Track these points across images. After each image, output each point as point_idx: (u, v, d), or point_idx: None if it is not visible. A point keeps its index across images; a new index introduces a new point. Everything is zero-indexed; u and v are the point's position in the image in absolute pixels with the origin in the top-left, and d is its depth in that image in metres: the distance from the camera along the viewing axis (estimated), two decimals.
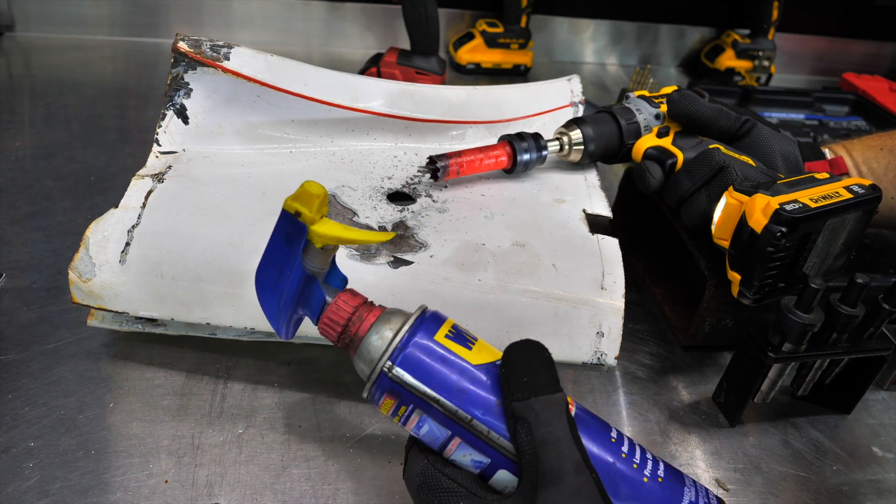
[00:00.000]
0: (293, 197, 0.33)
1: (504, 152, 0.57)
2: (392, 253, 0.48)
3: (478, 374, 0.34)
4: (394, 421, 0.35)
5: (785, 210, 0.43)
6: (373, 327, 0.35)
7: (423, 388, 0.34)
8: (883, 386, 0.57)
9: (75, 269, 0.46)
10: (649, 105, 0.59)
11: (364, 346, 0.35)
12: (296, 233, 0.34)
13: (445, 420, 0.34)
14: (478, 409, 0.34)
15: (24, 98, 0.88)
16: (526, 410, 0.32)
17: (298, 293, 0.36)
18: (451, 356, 0.35)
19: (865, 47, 1.38)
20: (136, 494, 0.41)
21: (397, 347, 0.34)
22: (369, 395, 0.35)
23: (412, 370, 0.34)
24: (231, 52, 0.55)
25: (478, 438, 0.34)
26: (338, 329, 0.36)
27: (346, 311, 0.36)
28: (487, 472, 0.34)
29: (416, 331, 0.35)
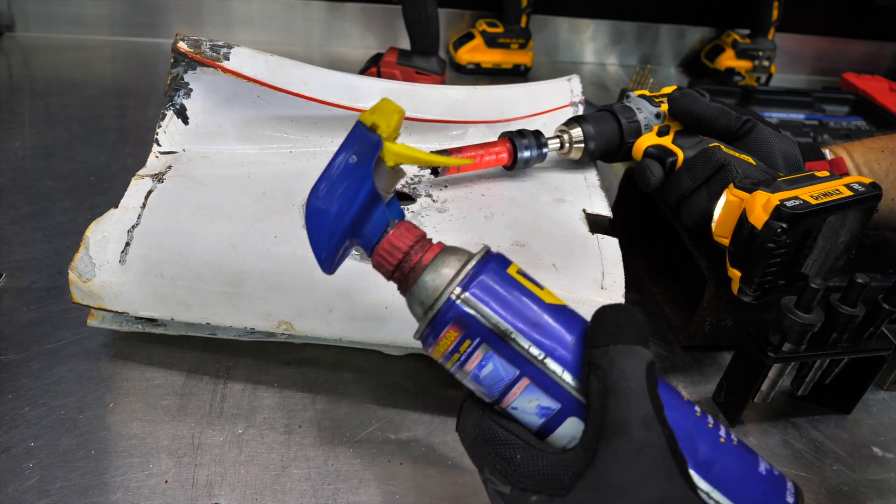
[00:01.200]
0: (371, 111, 0.32)
1: (504, 149, 0.57)
2: None
3: (554, 311, 0.32)
4: (447, 366, 0.32)
5: (786, 206, 0.43)
6: (438, 257, 0.33)
7: (496, 317, 0.31)
8: (883, 386, 0.57)
9: (75, 269, 0.46)
10: (650, 104, 0.59)
11: (428, 275, 0.32)
12: (369, 148, 0.32)
13: (515, 357, 0.31)
14: (552, 346, 0.31)
15: (24, 98, 0.88)
16: (602, 356, 0.29)
17: (359, 215, 0.33)
18: (524, 289, 0.32)
19: (865, 47, 1.38)
20: (136, 494, 0.41)
21: (469, 273, 0.31)
22: (427, 328, 0.32)
23: (484, 298, 0.31)
24: (231, 52, 0.55)
25: (549, 379, 0.31)
26: (398, 256, 0.33)
27: (410, 238, 0.33)
28: (553, 421, 0.31)
29: (487, 261, 0.32)
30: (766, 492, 0.31)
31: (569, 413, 0.31)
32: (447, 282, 0.31)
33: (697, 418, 0.32)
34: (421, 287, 0.32)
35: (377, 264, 0.34)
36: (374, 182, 0.32)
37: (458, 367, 0.32)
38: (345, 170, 0.33)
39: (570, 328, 0.32)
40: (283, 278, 0.46)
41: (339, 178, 0.33)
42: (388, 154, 0.32)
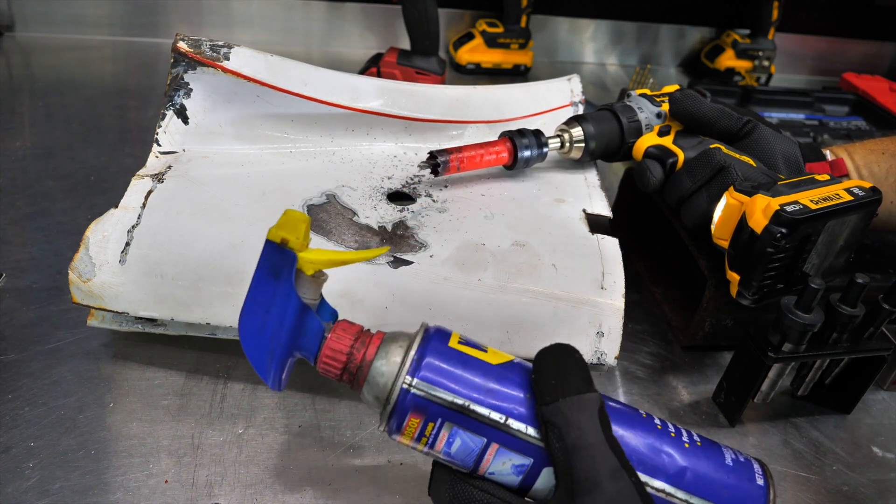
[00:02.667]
0: (277, 227, 0.32)
1: (505, 148, 0.57)
2: (392, 253, 0.48)
3: (502, 372, 0.33)
4: (417, 448, 0.33)
5: (785, 211, 0.43)
6: (380, 350, 0.34)
7: (450, 395, 0.32)
8: (883, 386, 0.57)
9: (75, 269, 0.46)
10: (651, 104, 0.59)
11: (375, 371, 0.33)
12: (285, 263, 0.32)
13: (479, 427, 0.32)
14: (510, 407, 0.32)
15: (24, 98, 0.88)
16: (554, 414, 0.30)
17: (293, 330, 0.33)
18: (470, 359, 0.33)
19: (865, 47, 1.38)
20: (136, 494, 0.41)
21: (414, 360, 0.32)
22: (388, 421, 0.33)
23: (436, 379, 0.32)
24: (231, 52, 0.55)
25: (516, 438, 0.32)
26: (342, 359, 0.34)
27: (348, 339, 0.34)
28: (530, 476, 0.32)
29: (428, 342, 0.33)
30: (738, 481, 0.33)
31: (542, 464, 0.32)
32: (395, 372, 0.32)
33: (659, 431, 0.33)
34: (372, 384, 0.33)
35: (324, 371, 0.34)
36: (298, 296, 0.33)
37: (428, 448, 0.33)
38: (267, 292, 0.33)
39: (520, 384, 0.33)
40: None
41: (264, 301, 0.33)
42: (305, 264, 0.33)
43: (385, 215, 0.52)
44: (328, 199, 0.53)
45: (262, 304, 0.33)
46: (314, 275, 0.34)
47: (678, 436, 0.34)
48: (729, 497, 0.32)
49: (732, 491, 0.33)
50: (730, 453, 0.34)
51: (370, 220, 0.52)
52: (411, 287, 0.46)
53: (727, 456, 0.34)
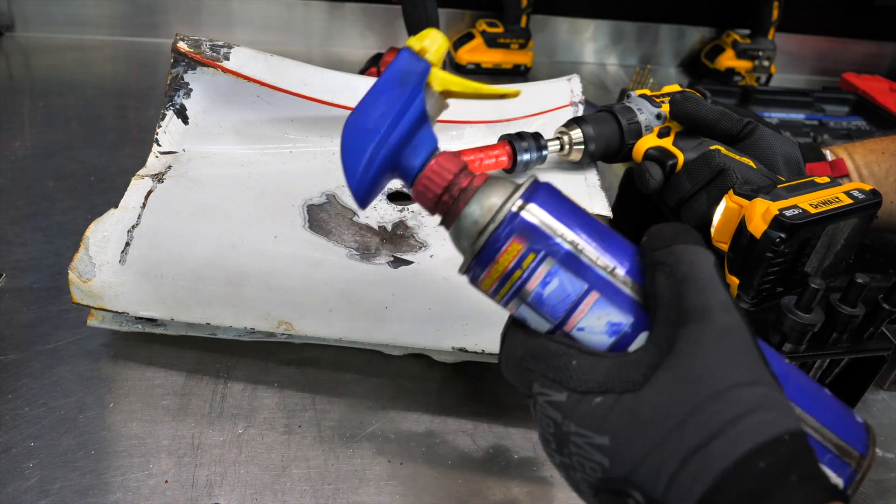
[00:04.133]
0: (418, 37, 0.31)
1: (504, 152, 0.57)
2: (392, 253, 0.48)
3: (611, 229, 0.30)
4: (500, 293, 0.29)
5: (784, 216, 0.43)
6: (488, 181, 0.31)
7: (562, 227, 0.29)
8: (883, 386, 0.57)
9: (75, 269, 0.46)
10: (651, 104, 0.59)
11: (482, 194, 0.30)
12: (418, 70, 0.31)
13: (584, 269, 0.28)
14: (620, 257, 0.29)
15: (24, 98, 0.88)
16: (666, 255, 0.27)
17: (406, 137, 0.31)
18: (581, 209, 0.30)
19: (865, 47, 1.38)
20: (136, 494, 0.41)
21: (528, 187, 0.29)
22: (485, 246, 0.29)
23: (549, 207, 0.29)
24: (231, 52, 0.55)
25: (620, 291, 0.28)
26: (448, 178, 0.30)
27: (457, 163, 0.31)
28: (624, 339, 0.28)
29: (541, 182, 0.30)
30: (838, 408, 0.30)
31: (641, 327, 0.28)
32: (506, 197, 0.29)
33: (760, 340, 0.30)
34: (475, 206, 0.30)
35: (423, 189, 0.31)
36: (424, 101, 0.31)
37: (517, 288, 0.29)
38: (393, 89, 0.31)
39: (628, 245, 0.30)
40: (283, 278, 0.46)
41: (386, 98, 0.31)
42: (436, 80, 0.31)
43: (385, 215, 0.52)
44: (328, 199, 0.53)
45: (380, 106, 0.31)
46: (440, 95, 0.32)
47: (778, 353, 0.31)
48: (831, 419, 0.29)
49: (835, 414, 0.29)
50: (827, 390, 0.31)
51: (370, 220, 0.52)
52: (411, 287, 0.46)
53: (826, 390, 0.31)
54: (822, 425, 0.29)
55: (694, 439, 0.24)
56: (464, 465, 0.45)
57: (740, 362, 0.25)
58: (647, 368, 0.26)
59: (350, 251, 0.48)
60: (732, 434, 0.24)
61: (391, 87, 0.31)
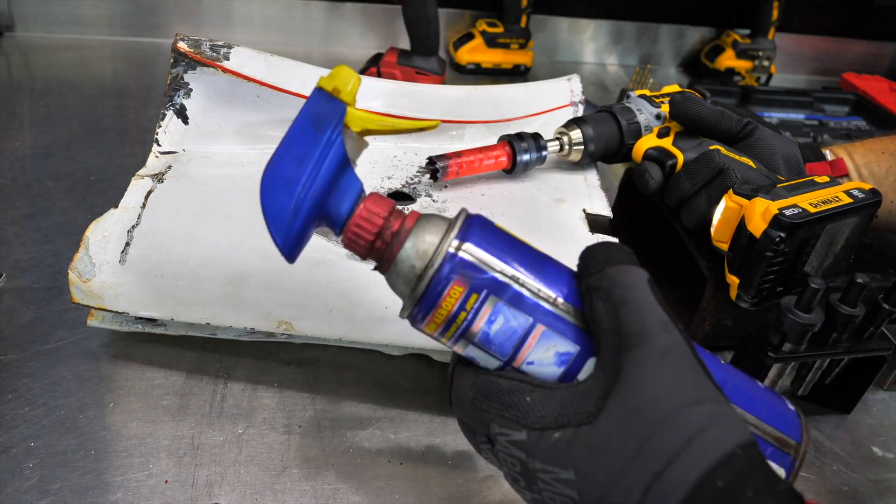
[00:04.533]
0: (329, 77, 0.29)
1: (504, 152, 0.57)
2: None
3: (547, 257, 0.30)
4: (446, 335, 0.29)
5: (784, 215, 0.43)
6: (420, 220, 0.30)
7: (501, 263, 0.29)
8: (883, 386, 0.57)
9: (75, 269, 0.46)
10: (650, 105, 0.59)
11: (416, 237, 0.29)
12: (333, 113, 0.29)
13: (527, 304, 0.28)
14: (561, 286, 0.29)
15: (24, 98, 0.88)
16: (601, 280, 0.28)
17: (328, 185, 0.30)
18: (516, 240, 0.30)
19: (865, 47, 1.38)
20: (136, 494, 0.41)
21: (462, 226, 0.29)
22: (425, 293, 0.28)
23: (486, 246, 0.29)
24: (231, 52, 0.55)
25: (566, 322, 0.28)
26: (378, 223, 0.30)
27: (386, 206, 0.30)
28: (573, 367, 0.29)
29: (472, 216, 0.30)
30: (772, 400, 0.31)
31: (588, 353, 0.29)
32: (441, 237, 0.29)
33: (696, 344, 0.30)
34: (410, 251, 0.29)
35: (353, 237, 0.30)
36: (344, 148, 0.30)
37: (463, 330, 0.29)
38: (306, 142, 0.29)
39: (566, 271, 0.30)
40: (283, 278, 0.46)
41: (299, 153, 0.29)
42: (353, 120, 0.30)
43: None
44: None
45: (297, 155, 0.29)
46: (359, 134, 0.31)
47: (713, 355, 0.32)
48: (768, 413, 0.31)
49: (771, 407, 0.31)
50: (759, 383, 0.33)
51: None
52: None
53: (758, 383, 0.32)
54: (762, 421, 0.30)
55: (652, 466, 0.24)
56: (464, 465, 0.45)
57: (684, 382, 0.26)
58: (598, 398, 0.26)
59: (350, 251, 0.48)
60: (687, 457, 0.24)
61: (307, 133, 0.30)
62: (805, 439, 0.31)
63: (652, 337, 0.26)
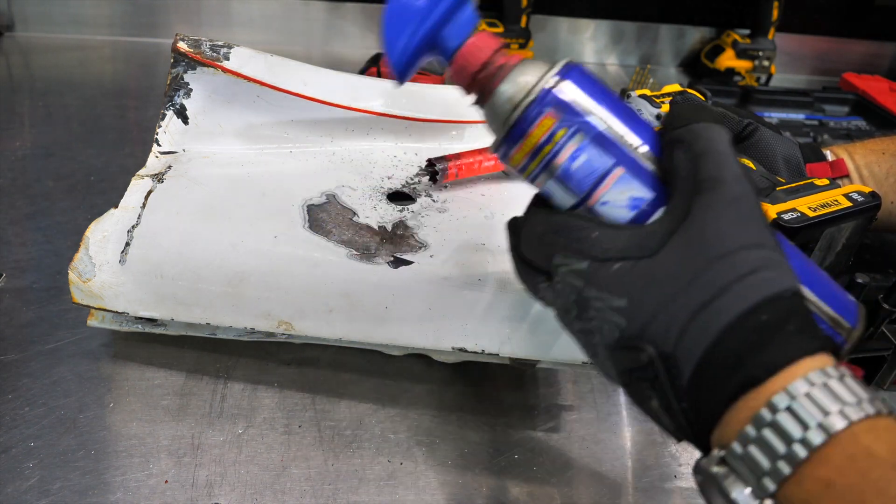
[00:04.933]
0: None
1: None
2: (392, 253, 0.48)
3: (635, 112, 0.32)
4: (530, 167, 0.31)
5: (783, 220, 0.43)
6: (523, 60, 0.31)
7: (594, 103, 0.30)
8: (883, 386, 0.57)
9: (75, 269, 0.46)
10: (650, 105, 0.59)
11: (518, 72, 0.31)
12: None
13: (611, 145, 0.30)
14: (645, 135, 0.30)
15: (24, 98, 0.88)
16: (686, 132, 0.29)
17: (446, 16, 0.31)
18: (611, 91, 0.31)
19: (865, 47, 1.38)
20: (136, 494, 0.41)
21: (562, 67, 0.30)
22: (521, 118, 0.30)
23: (582, 85, 0.30)
24: (231, 52, 0.55)
25: (644, 169, 0.30)
26: (488, 52, 0.31)
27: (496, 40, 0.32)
28: (643, 214, 0.30)
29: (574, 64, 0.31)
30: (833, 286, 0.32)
31: (660, 203, 0.30)
32: (541, 74, 0.30)
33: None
34: (511, 82, 0.31)
35: (460, 67, 0.32)
36: None
37: (547, 162, 0.30)
38: None
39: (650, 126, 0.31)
40: (283, 278, 0.46)
41: None
42: None
43: (385, 215, 0.52)
44: (328, 199, 0.53)
45: None
46: None
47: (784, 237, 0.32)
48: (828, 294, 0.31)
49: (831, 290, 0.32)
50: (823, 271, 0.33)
51: (370, 220, 0.52)
52: (411, 287, 0.46)
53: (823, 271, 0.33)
54: (819, 298, 0.31)
55: (702, 296, 0.26)
56: (464, 465, 0.45)
57: (748, 227, 0.27)
58: (663, 236, 0.28)
59: (350, 251, 0.48)
60: (737, 290, 0.25)
61: None
62: (860, 326, 0.32)
63: (725, 184, 0.27)
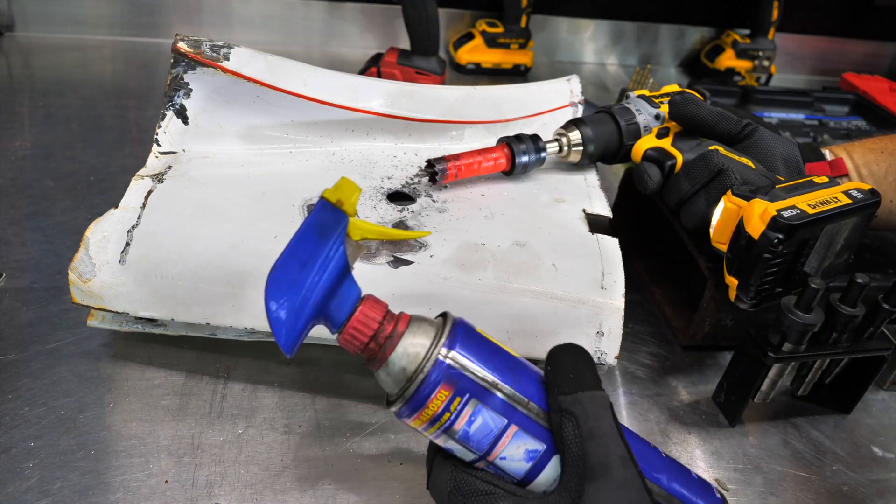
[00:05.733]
0: (333, 189, 0.33)
1: (502, 154, 0.57)
2: (392, 253, 0.48)
3: (521, 362, 0.34)
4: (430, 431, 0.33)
5: (782, 217, 0.43)
6: (411, 325, 0.34)
7: (483, 370, 0.32)
8: (883, 386, 0.57)
9: (75, 269, 0.46)
10: (649, 105, 0.59)
11: (407, 342, 0.33)
12: (336, 223, 0.33)
13: (504, 407, 0.32)
14: (533, 391, 0.33)
15: (24, 98, 0.88)
16: (573, 404, 0.32)
17: (329, 290, 0.33)
18: (495, 346, 0.34)
19: (865, 47, 1.38)
20: (136, 494, 0.41)
21: (449, 335, 0.33)
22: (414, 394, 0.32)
23: (469, 355, 0.33)
24: (231, 52, 0.55)
25: (534, 422, 0.33)
26: (373, 327, 0.33)
27: (380, 310, 0.34)
28: (539, 464, 0.33)
29: (458, 323, 0.34)
30: (703, 491, 0.36)
31: (551, 453, 0.33)
32: (429, 345, 0.33)
33: (643, 441, 0.36)
34: (402, 354, 0.33)
35: (350, 338, 0.34)
36: (345, 256, 0.33)
37: (446, 427, 0.32)
38: (308, 249, 0.32)
39: (536, 375, 0.34)
40: None
41: (304, 257, 0.32)
42: (354, 229, 0.33)
43: (385, 215, 0.53)
44: None
45: (301, 260, 0.32)
46: (358, 242, 0.34)
47: (656, 448, 0.36)
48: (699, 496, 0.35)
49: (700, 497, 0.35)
50: (693, 473, 0.37)
51: (370, 220, 0.52)
52: (411, 287, 0.46)
53: (692, 474, 0.37)
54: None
55: None
56: None
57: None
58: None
59: None
60: None
61: (311, 239, 0.33)
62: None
63: (612, 470, 0.31)
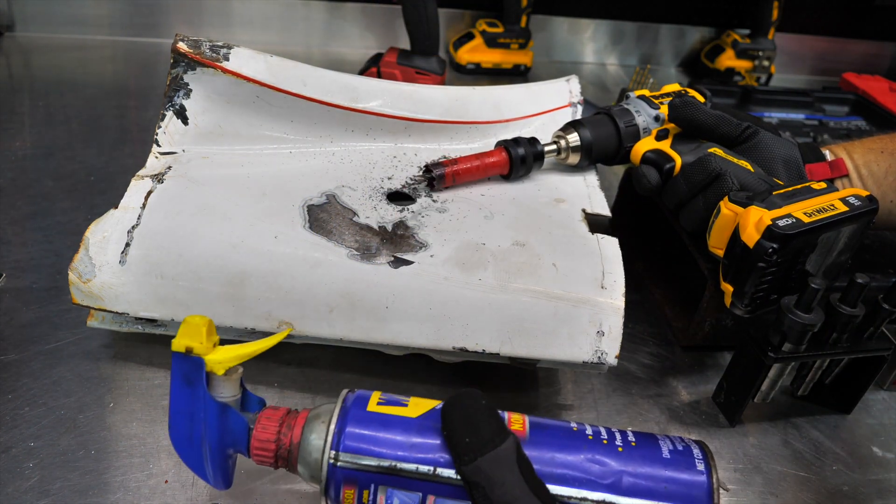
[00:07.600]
0: (179, 336, 0.33)
1: (501, 158, 0.57)
2: (392, 253, 0.48)
3: (423, 423, 0.34)
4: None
5: (777, 226, 0.43)
6: (304, 430, 0.35)
7: (376, 460, 0.33)
8: (883, 386, 0.57)
9: (75, 269, 0.46)
10: (649, 106, 0.59)
11: (304, 452, 0.34)
12: (195, 370, 0.34)
13: (411, 483, 0.33)
14: (437, 456, 0.33)
15: (24, 98, 0.88)
16: (476, 474, 0.31)
17: (219, 431, 0.35)
18: (390, 419, 0.34)
19: (865, 47, 1.38)
20: (136, 494, 0.41)
21: (335, 433, 0.34)
22: (326, 494, 0.34)
23: (358, 447, 0.33)
24: (230, 52, 0.55)
25: (449, 486, 0.33)
26: (272, 448, 0.35)
27: (273, 427, 0.35)
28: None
29: (346, 412, 0.35)
30: (677, 472, 0.33)
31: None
32: (321, 448, 0.34)
33: (591, 442, 0.34)
34: (304, 465, 0.34)
35: (260, 462, 0.35)
36: (213, 399, 0.34)
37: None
38: (185, 401, 0.34)
39: (432, 436, 0.34)
40: (283, 278, 0.46)
41: (185, 410, 0.34)
42: (214, 366, 0.34)
43: (385, 215, 0.53)
44: (328, 199, 0.53)
45: (185, 413, 0.34)
46: (226, 373, 0.35)
47: (611, 441, 0.35)
48: (671, 491, 0.33)
49: (673, 483, 0.33)
50: (667, 444, 0.35)
51: (370, 220, 0.52)
52: (411, 287, 0.46)
53: (664, 448, 0.34)
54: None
55: None
56: None
57: None
58: None
59: (350, 251, 0.48)
60: None
61: (184, 391, 0.34)
62: (716, 484, 0.33)
63: None
